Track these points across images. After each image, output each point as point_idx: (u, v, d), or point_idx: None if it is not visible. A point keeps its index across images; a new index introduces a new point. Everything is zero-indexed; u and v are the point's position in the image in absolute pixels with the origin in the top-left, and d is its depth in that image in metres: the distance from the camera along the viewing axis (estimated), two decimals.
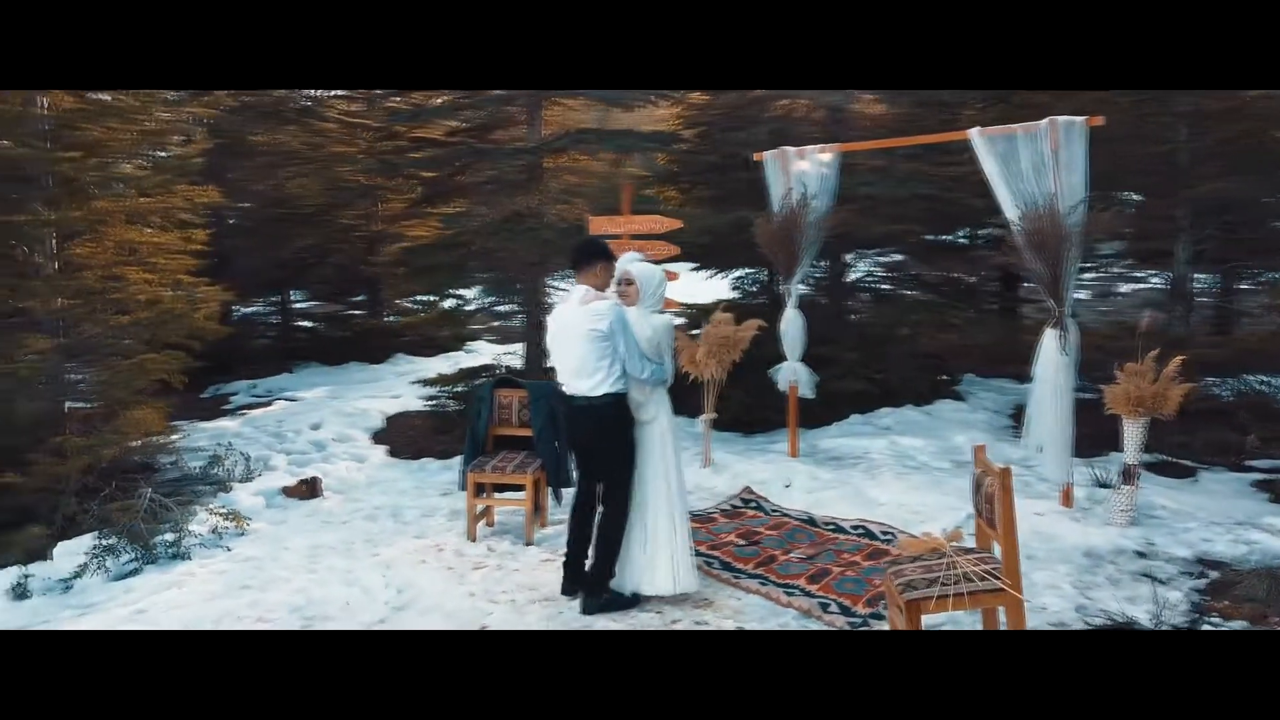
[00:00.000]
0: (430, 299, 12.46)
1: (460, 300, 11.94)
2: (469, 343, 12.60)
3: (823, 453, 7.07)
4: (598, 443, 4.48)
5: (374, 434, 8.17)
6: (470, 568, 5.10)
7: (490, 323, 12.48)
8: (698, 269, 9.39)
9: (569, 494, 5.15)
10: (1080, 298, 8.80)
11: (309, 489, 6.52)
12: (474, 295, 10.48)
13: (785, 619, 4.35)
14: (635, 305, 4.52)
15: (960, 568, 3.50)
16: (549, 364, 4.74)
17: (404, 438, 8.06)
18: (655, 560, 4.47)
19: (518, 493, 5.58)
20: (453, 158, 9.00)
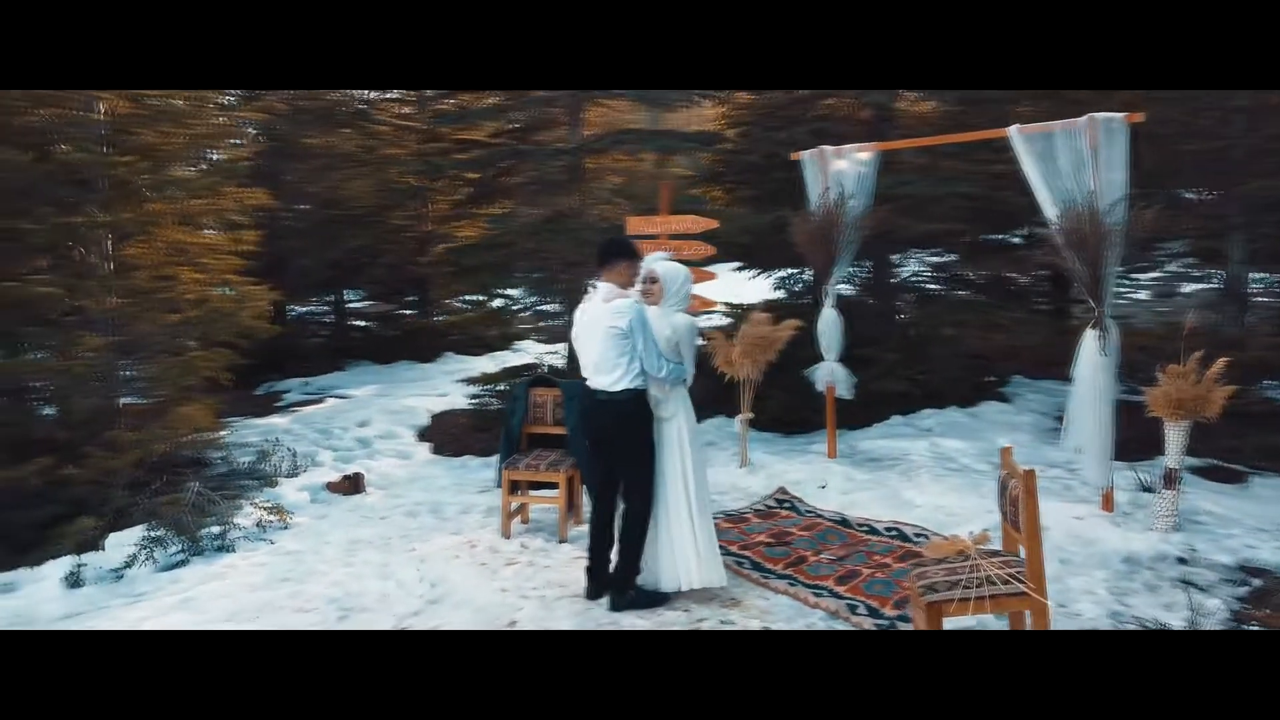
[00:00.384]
0: (478, 299, 12.61)
1: (508, 300, 12.11)
2: (516, 342, 12.73)
3: (861, 453, 7.00)
4: (617, 437, 4.52)
5: (419, 431, 8.32)
6: (503, 564, 5.18)
7: (537, 322, 12.58)
8: (741, 269, 9.37)
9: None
10: (1140, 298, 8.60)
11: (352, 485, 6.67)
12: (520, 295, 10.58)
13: (813, 619, 4.34)
14: (659, 304, 4.55)
15: (984, 570, 3.46)
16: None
17: (447, 435, 8.19)
18: (675, 556, 4.50)
19: (552, 490, 5.65)
20: (496, 158, 9.12)
